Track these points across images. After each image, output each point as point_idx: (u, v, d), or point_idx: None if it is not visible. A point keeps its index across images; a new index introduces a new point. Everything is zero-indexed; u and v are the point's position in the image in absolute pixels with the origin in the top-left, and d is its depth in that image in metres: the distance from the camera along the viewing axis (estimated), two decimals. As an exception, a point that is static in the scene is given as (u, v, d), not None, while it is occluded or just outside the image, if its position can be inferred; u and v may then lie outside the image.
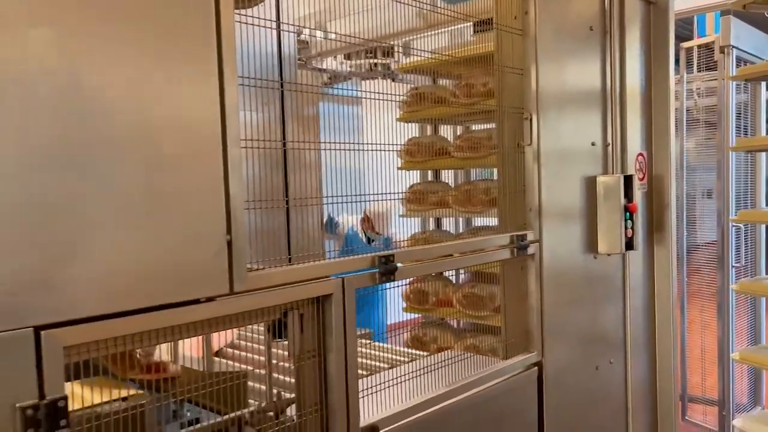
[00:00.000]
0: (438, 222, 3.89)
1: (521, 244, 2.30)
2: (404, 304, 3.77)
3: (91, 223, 1.19)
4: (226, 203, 1.40)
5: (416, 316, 3.47)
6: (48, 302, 1.14)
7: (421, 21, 3.89)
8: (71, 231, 1.17)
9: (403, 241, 3.63)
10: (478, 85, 2.83)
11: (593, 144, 2.71)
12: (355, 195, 1.86)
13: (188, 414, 2.03)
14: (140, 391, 1.92)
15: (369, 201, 2.14)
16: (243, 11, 1.54)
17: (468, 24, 2.91)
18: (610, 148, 2.77)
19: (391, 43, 4.50)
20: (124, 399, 1.88)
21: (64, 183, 1.16)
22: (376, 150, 1.99)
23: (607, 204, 2.66)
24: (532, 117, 2.37)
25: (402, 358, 2.60)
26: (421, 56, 2.88)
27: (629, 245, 2.71)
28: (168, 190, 1.31)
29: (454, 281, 3.36)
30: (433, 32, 3.30)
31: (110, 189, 1.22)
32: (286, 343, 1.66)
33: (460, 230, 3.64)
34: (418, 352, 2.81)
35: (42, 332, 1.12)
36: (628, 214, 2.69)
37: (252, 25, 1.53)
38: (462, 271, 3.18)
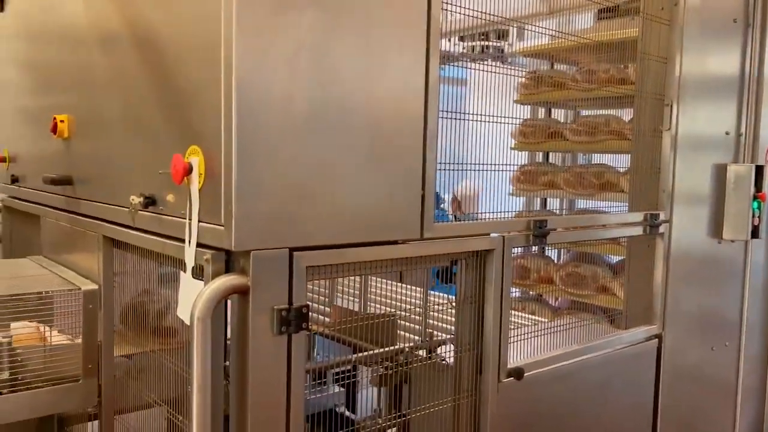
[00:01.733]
0: (544, 203, 4.04)
1: (654, 223, 2.45)
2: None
3: (330, 173, 1.49)
4: (422, 163, 1.66)
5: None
6: (299, 230, 1.44)
7: (545, 6, 4.02)
8: (315, 178, 1.47)
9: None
10: (599, 72, 2.96)
11: (727, 133, 2.80)
12: (471, 164, 2.04)
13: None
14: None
15: (485, 170, 2.25)
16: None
17: (590, 11, 3.04)
18: (742, 137, 2.85)
19: (517, 25, 4.63)
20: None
21: (313, 139, 1.46)
22: (495, 122, 2.16)
23: (737, 192, 2.76)
24: (673, 104, 2.50)
25: (522, 321, 2.82)
26: (545, 40, 3.01)
27: (755, 233, 2.80)
28: (382, 150, 1.59)
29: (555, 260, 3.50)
30: (551, 17, 3.41)
31: (345, 148, 1.51)
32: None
33: (564, 213, 3.76)
34: (538, 317, 3.02)
35: (294, 253, 1.43)
36: (756, 203, 2.77)
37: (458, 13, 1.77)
38: (564, 251, 3.30)
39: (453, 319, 2.00)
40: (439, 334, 2.25)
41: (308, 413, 1.57)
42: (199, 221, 1.44)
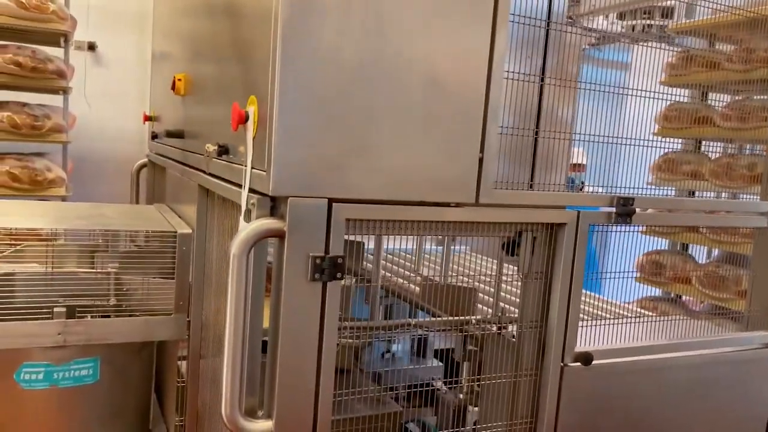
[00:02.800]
0: (691, 195, 3.69)
1: (783, 215, 2.15)
2: (637, 274, 3.69)
3: (377, 128, 1.49)
4: (482, 126, 1.60)
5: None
6: (341, 183, 1.47)
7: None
8: (361, 131, 1.48)
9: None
10: (759, 51, 2.62)
11: None
12: (607, 136, 1.91)
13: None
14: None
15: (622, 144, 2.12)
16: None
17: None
18: None
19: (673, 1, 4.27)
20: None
21: (361, 93, 1.47)
22: (639, 94, 1.99)
23: None
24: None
25: (620, 311, 2.62)
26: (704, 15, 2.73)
27: None
28: (437, 110, 1.55)
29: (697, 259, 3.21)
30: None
31: (395, 104, 1.50)
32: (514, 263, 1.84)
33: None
34: (643, 311, 2.79)
35: (333, 204, 1.46)
36: None
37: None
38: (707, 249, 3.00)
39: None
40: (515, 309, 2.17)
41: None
42: (252, 168, 1.51)
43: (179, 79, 2.37)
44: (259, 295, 1.49)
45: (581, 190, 2.33)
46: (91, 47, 4.97)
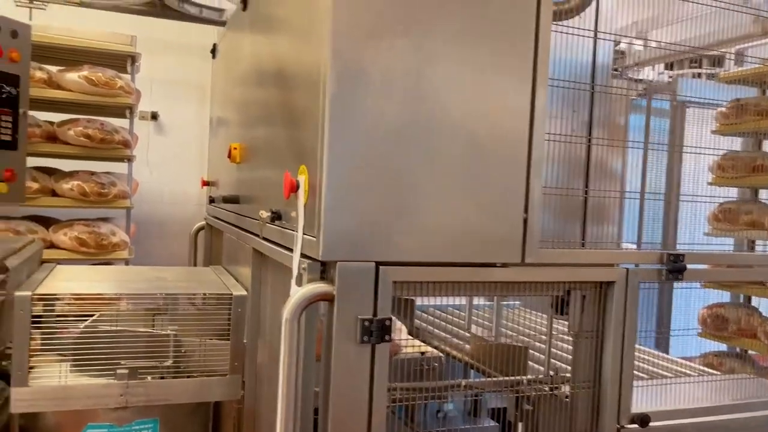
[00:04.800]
0: (751, 246, 3.60)
1: None
2: (699, 328, 3.57)
3: (421, 191, 1.54)
4: (526, 187, 1.63)
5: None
6: (387, 246, 1.51)
7: (759, 27, 3.60)
8: (406, 195, 1.54)
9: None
10: None
11: None
12: (659, 193, 1.91)
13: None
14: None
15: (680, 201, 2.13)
16: (561, 23, 1.76)
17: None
18: None
19: (723, 51, 4.25)
20: (423, 353, 2.28)
21: (404, 157, 1.53)
22: (692, 152, 2.00)
23: None
24: None
25: (682, 369, 2.53)
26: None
27: None
28: (479, 171, 1.60)
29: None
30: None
31: (437, 166, 1.56)
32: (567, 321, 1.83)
33: None
34: (706, 369, 2.68)
35: (380, 267, 1.50)
36: None
37: (569, 34, 1.73)
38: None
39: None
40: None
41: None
42: (303, 234, 1.58)
43: (234, 148, 2.50)
44: (310, 357, 1.53)
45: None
46: (154, 116, 5.28)
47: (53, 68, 3.96)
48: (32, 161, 3.80)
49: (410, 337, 2.42)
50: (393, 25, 1.51)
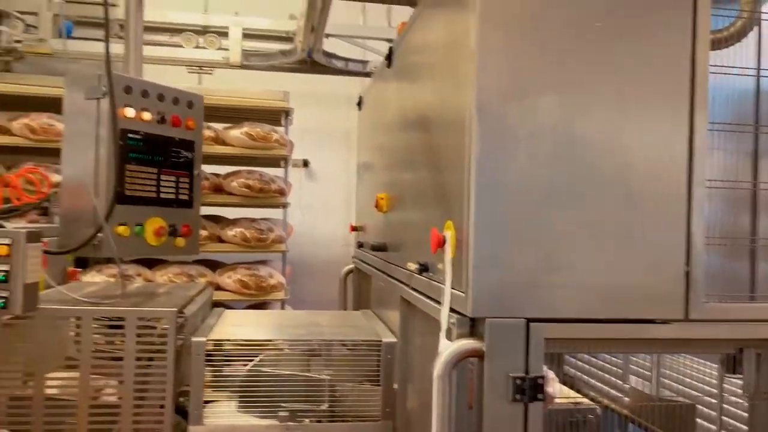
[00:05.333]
0: None
1: None
2: None
3: (573, 245, 1.51)
4: (687, 237, 1.54)
5: None
6: (538, 302, 1.49)
7: None
8: (557, 249, 1.51)
9: None
10: None
11: None
12: None
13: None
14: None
15: None
16: (718, 53, 1.66)
17: None
18: None
19: None
20: (576, 404, 2.19)
21: (555, 210, 1.51)
22: None
23: None
24: None
25: None
26: None
27: None
28: (634, 222, 1.53)
29: None
30: None
31: (590, 218, 1.52)
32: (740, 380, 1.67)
33: None
34: None
35: (531, 324, 1.48)
36: None
37: (728, 74, 1.63)
38: None
39: None
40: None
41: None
42: (451, 288, 1.61)
43: (381, 198, 2.61)
44: (463, 405, 1.54)
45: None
46: (305, 164, 5.64)
47: (218, 125, 4.38)
48: (201, 210, 4.22)
49: (563, 386, 2.34)
50: (541, 79, 1.51)
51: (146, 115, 2.36)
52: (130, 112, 2.30)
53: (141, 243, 2.35)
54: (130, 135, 2.30)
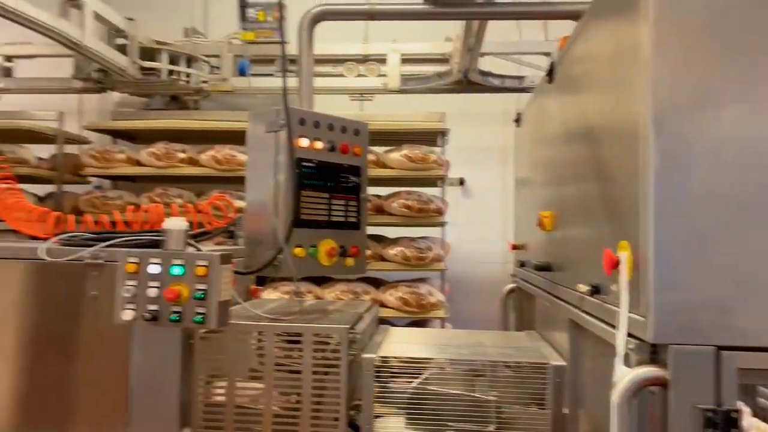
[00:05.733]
0: None
1: None
2: None
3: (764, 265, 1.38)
4: None
5: None
6: (729, 329, 1.38)
7: None
8: (750, 271, 1.39)
9: None
10: None
11: None
12: None
13: None
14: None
15: None
16: None
17: None
18: None
19: None
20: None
21: (748, 227, 1.39)
22: None
23: None
24: None
25: None
26: None
27: None
28: (844, 240, 1.37)
29: None
30: None
31: (786, 237, 1.38)
32: None
33: None
34: None
35: (722, 352, 1.37)
36: None
37: None
38: None
39: None
40: None
41: None
42: (628, 312, 1.53)
43: (545, 217, 2.55)
44: (643, 440, 1.46)
45: None
46: (461, 182, 5.67)
47: (379, 149, 4.56)
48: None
49: (757, 420, 2.12)
50: (723, 86, 1.41)
51: (318, 144, 2.53)
52: (304, 142, 2.48)
53: (315, 263, 2.51)
54: (304, 163, 2.48)
